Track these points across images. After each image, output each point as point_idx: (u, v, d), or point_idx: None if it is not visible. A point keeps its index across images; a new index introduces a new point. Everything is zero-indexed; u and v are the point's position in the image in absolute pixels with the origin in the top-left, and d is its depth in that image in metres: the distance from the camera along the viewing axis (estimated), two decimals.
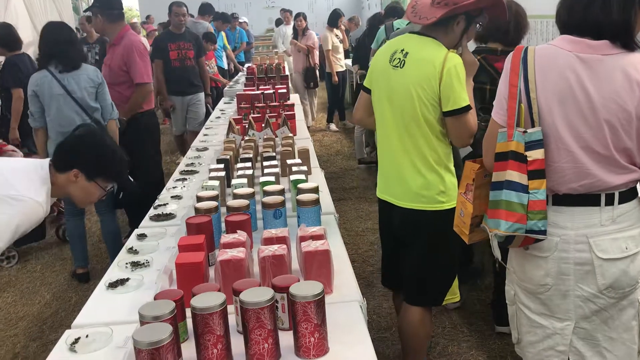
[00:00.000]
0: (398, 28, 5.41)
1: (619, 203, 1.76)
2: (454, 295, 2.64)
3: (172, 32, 6.38)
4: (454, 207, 2.27)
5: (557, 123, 1.73)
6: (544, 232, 1.74)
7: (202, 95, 6.55)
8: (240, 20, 11.87)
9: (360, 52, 6.80)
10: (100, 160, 2.28)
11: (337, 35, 8.72)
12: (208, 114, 6.35)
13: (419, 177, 2.39)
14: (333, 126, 9.12)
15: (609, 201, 1.76)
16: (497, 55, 2.90)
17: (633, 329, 1.84)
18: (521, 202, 1.72)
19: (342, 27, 9.21)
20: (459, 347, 3.16)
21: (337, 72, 8.59)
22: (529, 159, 1.72)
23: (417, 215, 2.43)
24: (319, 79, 9.24)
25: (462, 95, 2.26)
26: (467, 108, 2.28)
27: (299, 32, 8.97)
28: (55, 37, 3.92)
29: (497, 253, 1.83)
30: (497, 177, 1.78)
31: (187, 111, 6.48)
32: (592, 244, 1.76)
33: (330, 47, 8.47)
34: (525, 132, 1.73)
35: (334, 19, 8.77)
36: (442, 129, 2.35)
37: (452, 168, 2.44)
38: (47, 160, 2.25)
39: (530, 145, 1.72)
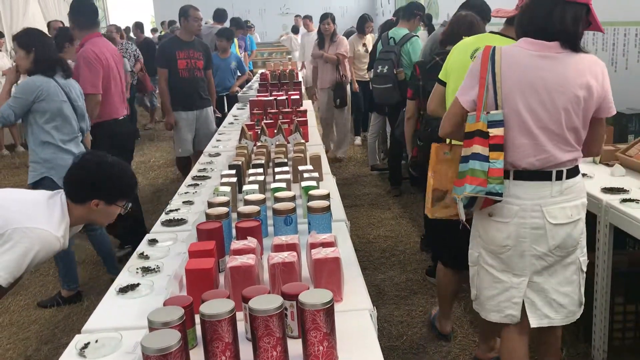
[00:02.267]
0: (392, 37, 5.48)
1: (566, 178, 2.17)
2: None
3: (181, 39, 5.55)
4: None
5: (520, 108, 2.13)
6: (500, 195, 2.12)
7: (210, 109, 5.79)
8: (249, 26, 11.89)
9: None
10: (116, 185, 2.34)
11: (364, 44, 7.56)
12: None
13: None
14: (358, 140, 8.49)
15: (558, 177, 2.16)
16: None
17: (574, 282, 2.28)
18: (483, 169, 2.11)
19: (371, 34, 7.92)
20: (470, 356, 3.13)
21: (358, 82, 7.60)
22: (490, 134, 2.10)
23: None
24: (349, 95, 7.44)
25: None
26: None
27: (326, 39, 7.25)
28: (51, 43, 3.83)
29: (462, 215, 2.22)
30: (465, 152, 2.17)
31: (195, 129, 5.63)
32: (544, 211, 2.17)
33: (352, 54, 7.45)
34: (488, 113, 2.12)
35: (361, 24, 7.62)
36: None
37: None
38: (63, 193, 2.31)
39: (492, 124, 2.11)
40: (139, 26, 11.25)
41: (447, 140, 2.41)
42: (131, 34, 11.93)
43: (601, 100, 2.14)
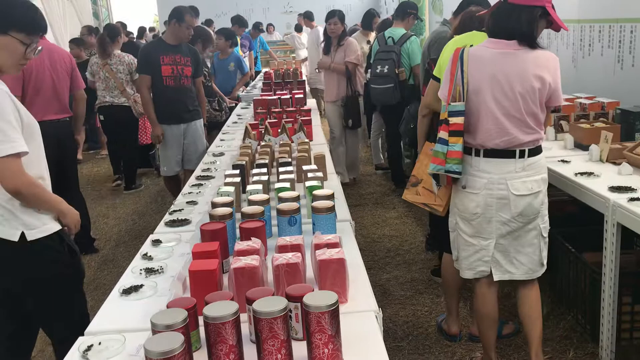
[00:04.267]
0: (390, 37, 5.45)
1: (528, 157, 2.55)
2: None
3: (166, 42, 4.91)
4: None
5: (486, 98, 2.52)
6: (459, 173, 2.54)
7: (200, 123, 5.14)
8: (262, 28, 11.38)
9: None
10: (4, 9, 2.15)
11: (368, 41, 6.83)
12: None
13: None
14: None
15: (521, 155, 2.54)
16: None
17: (535, 245, 2.65)
18: (443, 151, 2.52)
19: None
20: (475, 357, 3.11)
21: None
22: (450, 122, 2.50)
23: None
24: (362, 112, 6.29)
25: None
26: None
27: (333, 42, 6.06)
28: None
29: (435, 188, 2.78)
30: (439, 135, 2.55)
31: (183, 145, 5.03)
32: (508, 184, 2.55)
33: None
34: (449, 104, 2.52)
35: (368, 20, 7.00)
36: None
37: None
38: None
39: (452, 114, 2.50)
40: (122, 26, 9.39)
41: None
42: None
43: (552, 91, 2.52)
